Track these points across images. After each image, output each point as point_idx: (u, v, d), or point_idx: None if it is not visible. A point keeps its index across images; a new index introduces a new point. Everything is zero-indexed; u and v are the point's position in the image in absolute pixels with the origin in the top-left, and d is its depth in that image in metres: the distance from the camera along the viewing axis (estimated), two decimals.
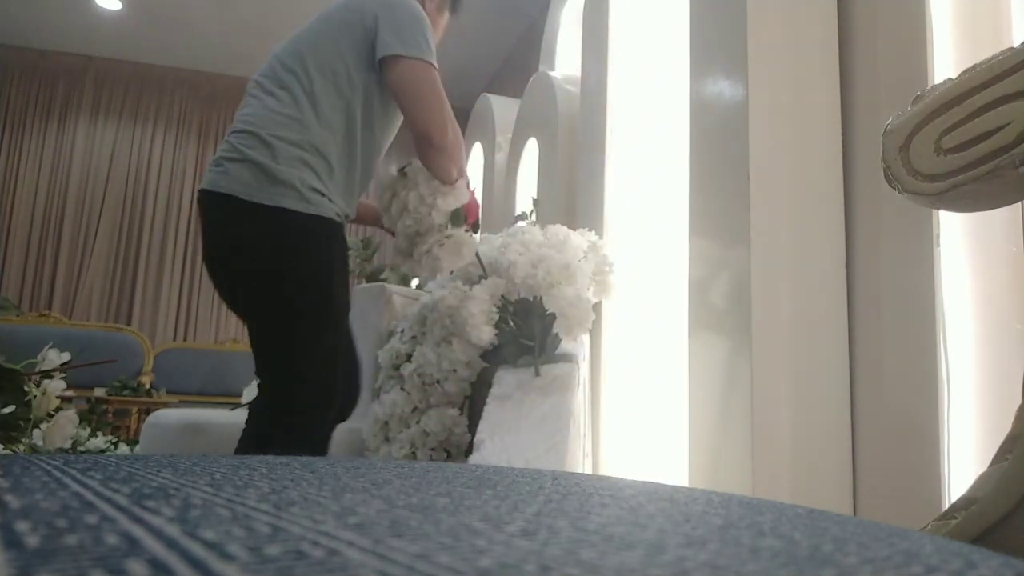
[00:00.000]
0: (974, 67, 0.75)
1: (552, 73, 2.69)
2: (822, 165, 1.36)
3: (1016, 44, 0.74)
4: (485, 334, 1.58)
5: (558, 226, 1.74)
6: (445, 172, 1.44)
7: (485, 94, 3.73)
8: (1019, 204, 0.88)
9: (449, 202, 1.46)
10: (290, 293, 1.37)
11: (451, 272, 1.73)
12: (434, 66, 1.41)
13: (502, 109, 3.36)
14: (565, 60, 2.85)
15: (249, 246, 1.36)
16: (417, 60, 1.38)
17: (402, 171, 1.50)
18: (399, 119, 1.54)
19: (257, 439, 1.40)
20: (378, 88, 1.45)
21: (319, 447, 1.45)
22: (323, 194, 1.38)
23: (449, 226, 1.48)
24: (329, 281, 1.39)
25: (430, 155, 1.42)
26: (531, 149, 2.73)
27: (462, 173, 1.50)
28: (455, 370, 1.69)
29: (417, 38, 1.40)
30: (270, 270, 1.36)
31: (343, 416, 1.57)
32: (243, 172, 1.34)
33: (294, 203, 1.33)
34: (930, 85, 0.89)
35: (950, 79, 0.77)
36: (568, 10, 2.90)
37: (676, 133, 1.68)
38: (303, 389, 1.39)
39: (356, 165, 1.46)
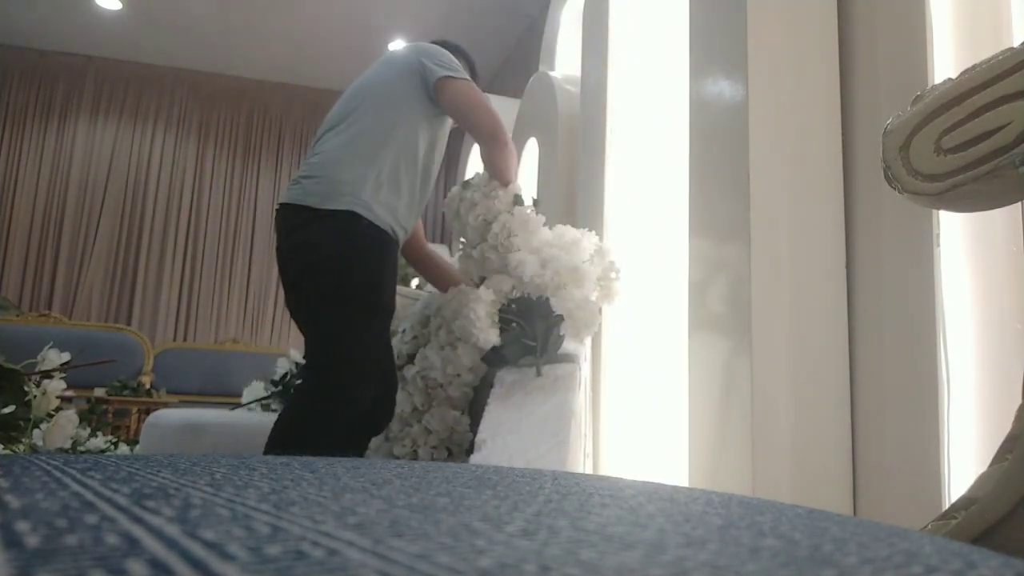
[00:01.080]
0: (974, 67, 0.75)
1: (552, 73, 2.69)
2: (822, 165, 1.36)
3: (1016, 44, 0.74)
4: (491, 336, 1.59)
5: (567, 227, 1.74)
6: (509, 170, 1.70)
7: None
8: (1019, 204, 0.88)
9: (509, 190, 1.71)
10: (351, 284, 1.57)
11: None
12: (468, 80, 1.71)
13: (502, 109, 3.34)
14: (565, 60, 2.85)
15: (317, 243, 1.57)
16: (462, 79, 1.68)
17: (466, 182, 1.76)
18: (443, 149, 1.80)
19: (291, 418, 1.56)
20: (427, 123, 1.71)
21: (352, 426, 1.60)
22: (384, 208, 1.61)
23: (513, 208, 1.70)
24: (383, 281, 1.61)
25: (497, 151, 1.68)
26: (531, 149, 2.73)
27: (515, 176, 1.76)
28: (459, 375, 1.69)
29: (453, 65, 1.70)
30: (336, 267, 1.57)
31: (378, 429, 1.71)
32: (316, 186, 1.60)
33: (361, 211, 1.57)
34: (930, 85, 0.89)
35: (950, 79, 0.77)
36: (568, 10, 2.90)
37: (676, 133, 1.68)
38: (347, 370, 1.56)
39: (415, 188, 1.69)
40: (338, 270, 1.56)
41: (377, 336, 1.63)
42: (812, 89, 1.38)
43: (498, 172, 1.69)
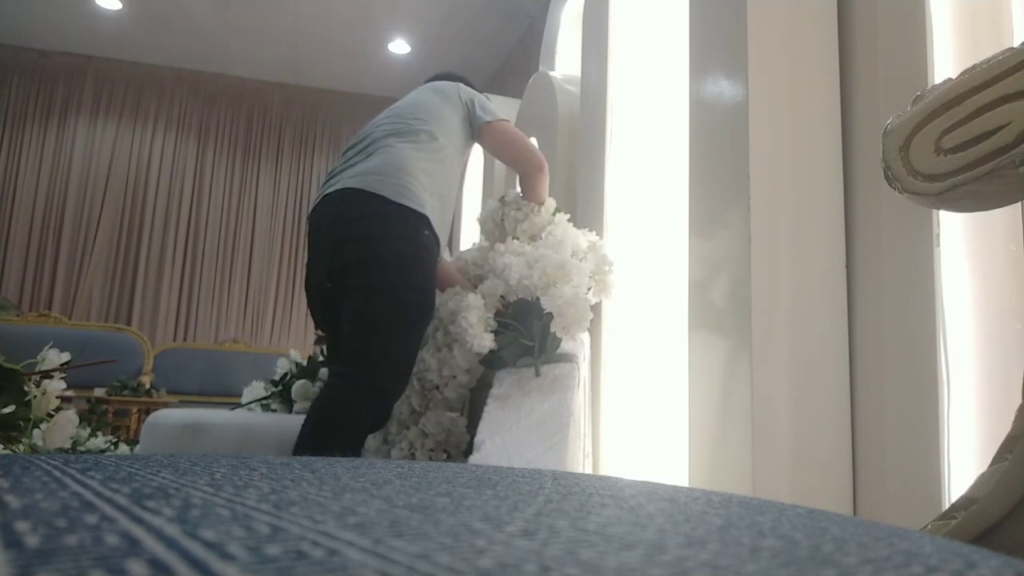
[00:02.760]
0: (974, 67, 0.75)
1: (552, 73, 2.68)
2: (822, 165, 1.36)
3: (1016, 44, 0.74)
4: (485, 341, 1.58)
5: (563, 215, 1.77)
6: (545, 192, 1.89)
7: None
8: (1019, 204, 0.88)
9: (546, 205, 1.88)
10: (411, 284, 1.62)
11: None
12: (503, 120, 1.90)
13: (502, 109, 3.35)
14: (565, 60, 2.85)
15: (384, 235, 1.63)
16: (503, 121, 1.89)
17: (501, 199, 1.93)
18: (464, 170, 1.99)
19: (332, 402, 1.59)
20: (463, 155, 1.89)
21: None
22: (436, 219, 1.71)
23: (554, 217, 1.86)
24: (434, 287, 1.68)
25: (538, 179, 1.85)
26: None
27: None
28: (455, 376, 1.69)
29: (491, 108, 1.91)
30: (402, 264, 1.63)
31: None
32: (384, 180, 1.67)
33: (429, 215, 1.66)
34: (930, 85, 0.89)
35: (950, 79, 0.77)
36: (568, 10, 2.90)
37: (676, 133, 1.68)
38: (388, 367, 1.60)
39: (448, 208, 1.81)
40: (403, 268, 1.60)
41: (420, 340, 1.69)
42: (812, 89, 1.38)
43: (537, 196, 1.85)
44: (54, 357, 1.40)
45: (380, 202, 1.60)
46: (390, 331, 1.59)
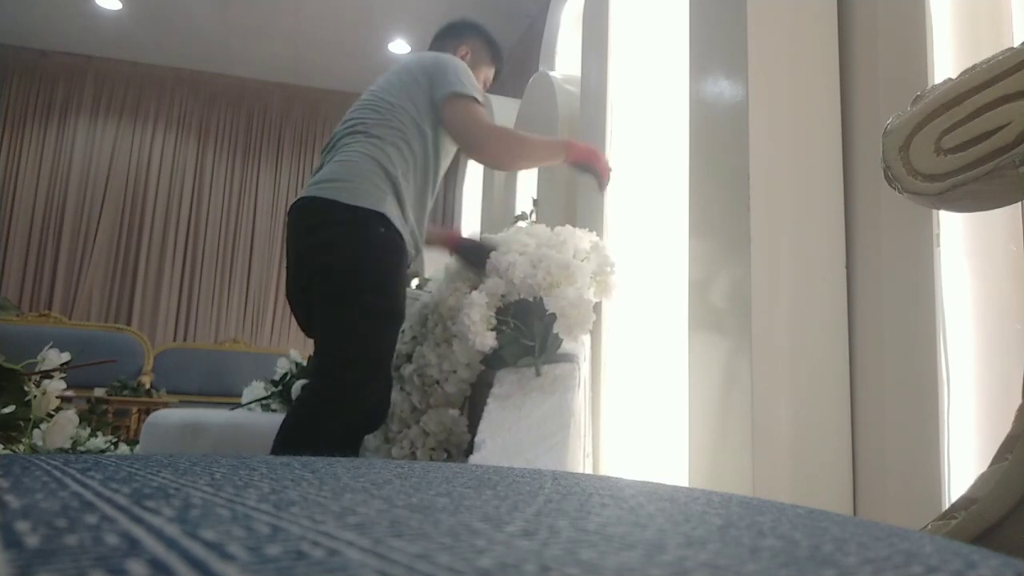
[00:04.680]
0: (974, 67, 0.75)
1: (552, 73, 2.68)
2: (822, 165, 1.36)
3: (1016, 44, 0.74)
4: (487, 339, 1.58)
5: (564, 226, 1.74)
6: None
7: (485, 94, 3.72)
8: (1019, 204, 0.88)
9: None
10: (361, 287, 1.58)
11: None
12: (472, 98, 1.71)
13: (502, 109, 3.35)
14: (565, 60, 2.85)
15: (331, 242, 1.60)
16: (460, 98, 1.70)
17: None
18: (451, 154, 1.83)
19: (296, 417, 1.56)
20: (433, 128, 1.75)
21: (354, 427, 1.61)
22: (399, 214, 1.65)
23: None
24: (396, 284, 1.63)
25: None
26: None
27: (542, 146, 1.85)
28: (455, 371, 1.68)
29: (455, 80, 1.72)
30: (349, 267, 1.59)
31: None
32: (335, 186, 1.62)
33: (383, 212, 1.59)
34: (930, 85, 0.89)
35: (950, 79, 0.77)
36: (568, 10, 2.90)
37: (676, 133, 1.68)
38: (352, 377, 1.56)
39: (425, 195, 1.74)
40: (356, 274, 1.56)
41: (390, 341, 1.65)
42: (812, 89, 1.38)
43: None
44: (54, 357, 1.40)
45: (332, 210, 1.57)
46: (351, 340, 1.57)
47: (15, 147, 5.96)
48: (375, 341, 1.59)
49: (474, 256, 1.75)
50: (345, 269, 1.56)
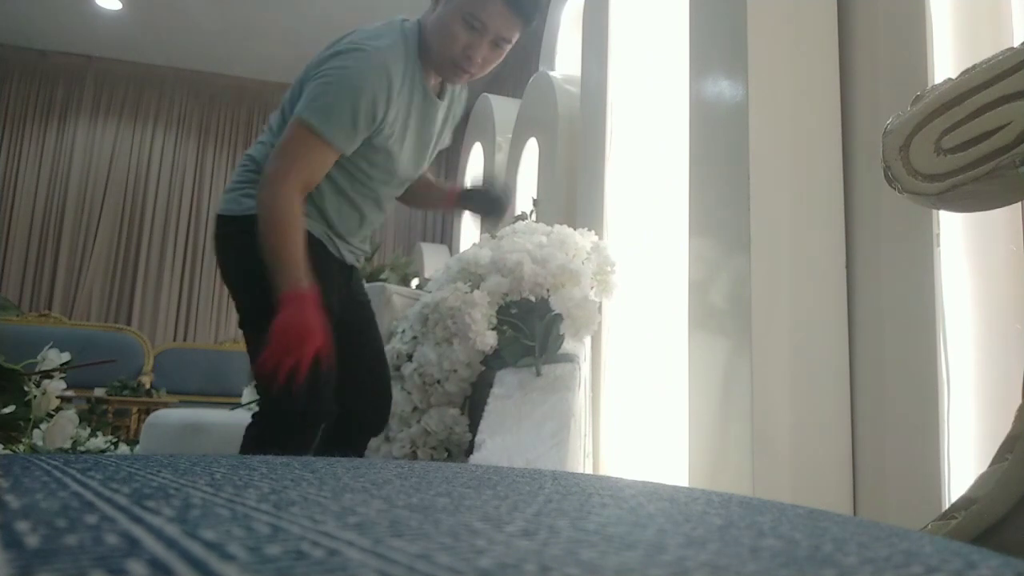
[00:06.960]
0: (974, 67, 0.75)
1: (552, 73, 2.69)
2: (822, 165, 1.36)
3: (1016, 44, 0.74)
4: (489, 339, 1.58)
5: (563, 227, 1.74)
6: (258, 208, 1.35)
7: (485, 94, 3.73)
8: (1019, 204, 0.88)
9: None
10: (238, 294, 1.46)
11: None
12: (311, 129, 1.34)
13: (502, 109, 3.36)
14: (565, 60, 2.85)
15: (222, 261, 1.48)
16: (298, 125, 1.35)
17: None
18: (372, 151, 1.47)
19: (248, 439, 1.40)
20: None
21: (311, 438, 1.39)
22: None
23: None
24: (254, 282, 1.33)
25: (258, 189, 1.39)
26: (531, 149, 2.72)
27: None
28: (455, 370, 1.68)
29: (311, 102, 1.37)
30: (229, 281, 1.48)
31: (376, 431, 1.62)
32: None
33: (226, 211, 1.43)
34: (930, 85, 0.89)
35: (950, 79, 0.77)
36: (568, 10, 2.90)
37: (676, 133, 1.68)
38: (279, 388, 1.28)
39: (340, 196, 1.46)
40: (238, 285, 1.45)
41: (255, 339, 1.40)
42: (812, 89, 1.38)
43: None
44: (54, 357, 1.40)
45: (219, 224, 1.47)
46: (259, 351, 1.31)
47: (15, 147, 5.96)
48: (253, 344, 1.38)
49: (484, 202, 1.60)
50: (231, 282, 1.49)
